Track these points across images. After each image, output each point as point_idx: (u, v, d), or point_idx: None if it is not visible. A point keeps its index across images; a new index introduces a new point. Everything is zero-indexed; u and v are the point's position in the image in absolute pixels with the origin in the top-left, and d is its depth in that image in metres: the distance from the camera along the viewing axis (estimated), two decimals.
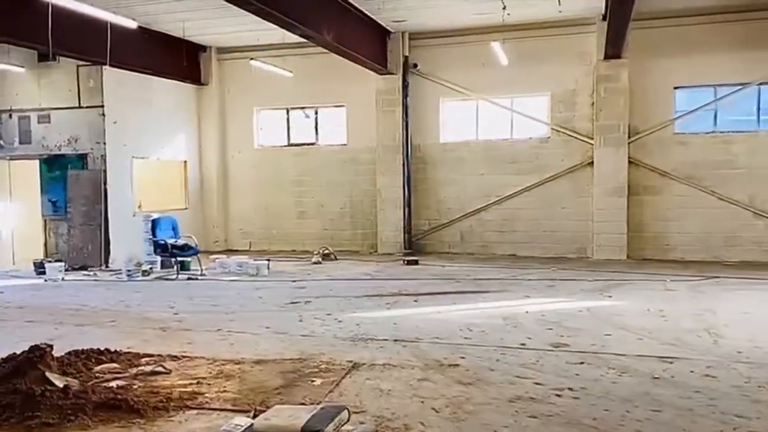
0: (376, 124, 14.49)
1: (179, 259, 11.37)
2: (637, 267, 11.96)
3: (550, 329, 7.12)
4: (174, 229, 11.81)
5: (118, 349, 6.23)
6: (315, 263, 13.09)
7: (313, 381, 5.34)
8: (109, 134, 12.75)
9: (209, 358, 6.05)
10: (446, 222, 14.40)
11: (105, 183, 12.59)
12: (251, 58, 13.63)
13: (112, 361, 5.92)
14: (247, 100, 15.68)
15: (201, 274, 11.47)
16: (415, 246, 14.42)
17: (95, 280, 11.36)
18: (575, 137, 13.48)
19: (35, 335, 7.03)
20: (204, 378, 5.42)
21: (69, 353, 6.08)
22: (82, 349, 6.14)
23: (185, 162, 15.27)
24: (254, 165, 15.74)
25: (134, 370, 5.61)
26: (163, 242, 11.32)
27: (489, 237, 14.17)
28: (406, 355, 6.15)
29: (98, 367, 5.71)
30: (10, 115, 13.31)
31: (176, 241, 11.41)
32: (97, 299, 9.42)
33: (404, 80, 14.20)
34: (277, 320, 7.73)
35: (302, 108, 15.53)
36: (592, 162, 13.29)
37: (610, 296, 9.10)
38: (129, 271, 11.28)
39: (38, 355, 4.93)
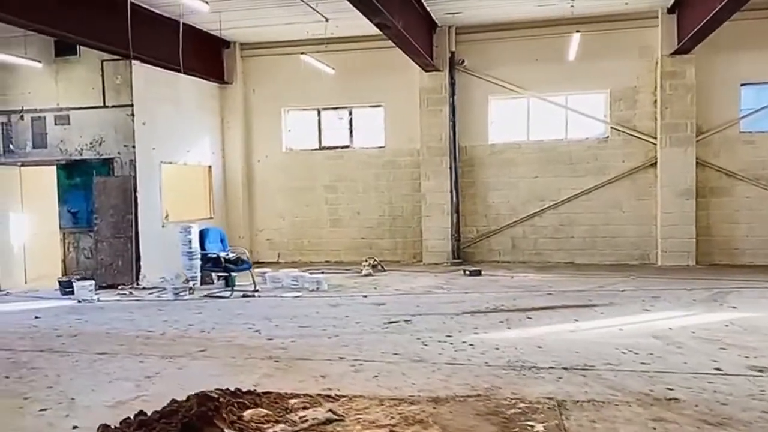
0: (419, 124, 13.53)
1: (232, 274, 10.15)
2: (716, 273, 11.31)
3: (724, 349, 6.26)
4: (222, 240, 10.61)
5: (251, 389, 5.10)
6: (366, 275, 12.02)
7: (531, 426, 4.34)
8: (137, 136, 11.45)
9: (370, 396, 4.98)
10: (496, 229, 13.51)
11: (135, 191, 11.28)
12: (302, 53, 12.49)
13: (256, 404, 4.78)
14: (274, 100, 14.52)
15: (254, 290, 10.28)
16: (461, 255, 13.48)
17: (137, 299, 10.06)
18: (636, 136, 12.77)
19: (126, 373, 5.87)
20: (393, 426, 4.36)
21: (197, 395, 4.93)
22: (213, 391, 4.99)
23: (210, 167, 14.01)
24: (282, 170, 14.57)
25: (295, 417, 4.51)
26: (214, 256, 10.11)
27: (543, 244, 13.33)
28: (599, 387, 5.19)
29: (247, 413, 4.58)
30: (22, 116, 11.87)
31: (227, 255, 10.21)
32: (158, 323, 8.19)
33: (451, 77, 13.29)
34: (396, 345, 6.68)
35: (335, 108, 14.45)
36: (655, 163, 12.60)
37: (735, 307, 8.32)
38: (176, 288, 10.02)
39: (213, 407, 3.81)
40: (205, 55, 13.46)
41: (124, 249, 11.17)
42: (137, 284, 11.18)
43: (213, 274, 10.79)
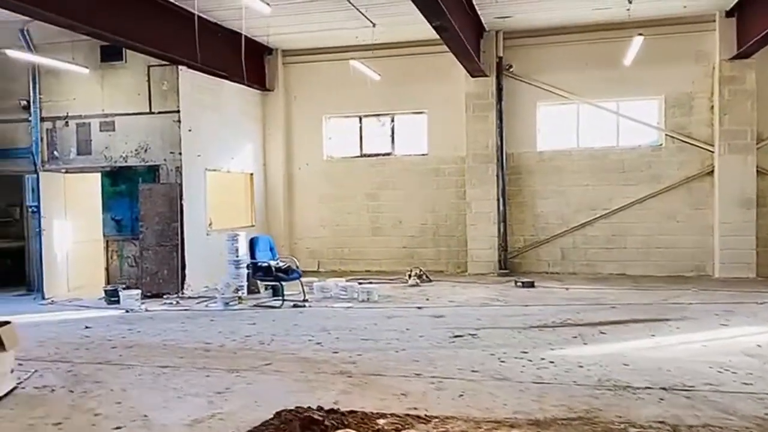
0: (465, 130, 13.20)
1: (282, 283, 9.88)
2: None
3: None
4: (272, 249, 10.35)
5: (333, 407, 4.80)
6: (413, 285, 11.68)
7: None
8: (184, 143, 11.26)
9: (463, 418, 4.64)
10: (545, 238, 13.11)
11: (181, 198, 11.07)
12: (352, 58, 12.23)
13: (344, 425, 4.48)
14: (315, 108, 14.30)
15: (304, 300, 9.99)
16: (508, 265, 13.10)
17: (185, 309, 9.81)
18: (692, 144, 12.33)
19: (195, 388, 5.60)
20: None
21: (279, 414, 4.65)
22: (297, 410, 4.70)
23: (251, 174, 13.80)
24: (323, 178, 14.32)
25: None
26: (265, 265, 9.84)
27: (595, 255, 12.90)
28: (708, 410, 4.81)
29: None
30: (66, 123, 11.75)
31: (278, 263, 9.94)
32: (214, 334, 7.92)
33: (498, 83, 12.97)
34: (471, 361, 6.33)
35: (377, 115, 14.19)
36: (712, 171, 12.16)
37: None
38: (226, 298, 9.77)
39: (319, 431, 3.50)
40: (248, 61, 13.23)
41: (169, 257, 10.95)
42: (182, 293, 10.95)
43: (259, 283, 10.52)
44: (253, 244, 10.09)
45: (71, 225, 11.79)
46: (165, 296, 10.78)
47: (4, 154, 12.06)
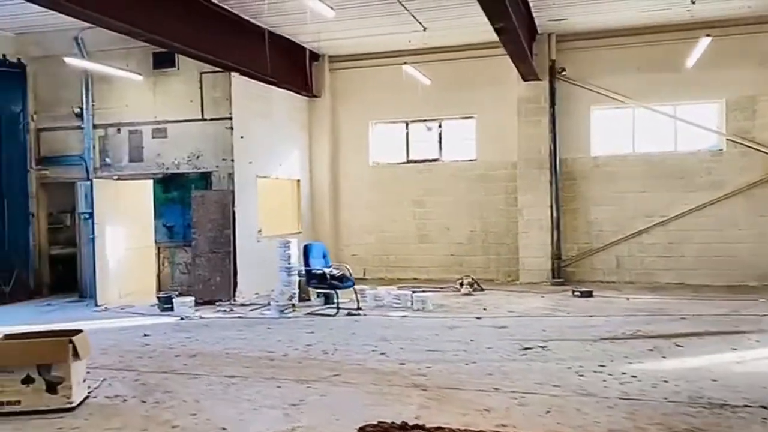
0: (516, 136, 12.94)
1: (338, 291, 9.74)
2: None
3: None
4: (324, 256, 10.22)
5: (419, 423, 4.60)
6: (466, 294, 11.43)
7: None
8: (236, 150, 11.21)
9: None
10: (599, 246, 12.75)
11: (233, 205, 11.01)
12: (404, 62, 12.09)
13: None
14: (361, 113, 14.18)
15: (357, 308, 9.83)
16: (561, 274, 12.76)
17: (239, 317, 9.72)
18: (755, 149, 11.89)
19: (268, 399, 5.47)
20: None
21: (363, 429, 4.47)
22: (380, 425, 4.51)
23: (298, 181, 13.72)
24: (369, 184, 14.18)
25: None
26: (320, 272, 9.71)
27: (651, 263, 12.50)
28: None
29: None
30: (119, 130, 11.81)
31: (332, 271, 9.80)
32: (274, 343, 7.79)
33: (551, 86, 12.68)
34: (548, 375, 6.07)
35: (423, 121, 14.01)
36: None
37: None
38: (280, 305, 9.65)
39: None
40: (295, 68, 13.23)
41: (221, 264, 10.89)
42: (234, 300, 10.88)
43: (310, 290, 10.38)
44: (307, 251, 9.96)
45: (122, 232, 11.82)
46: (217, 303, 10.72)
47: (57, 161, 12.19)
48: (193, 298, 10.31)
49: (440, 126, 13.94)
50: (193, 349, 7.53)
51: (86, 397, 5.54)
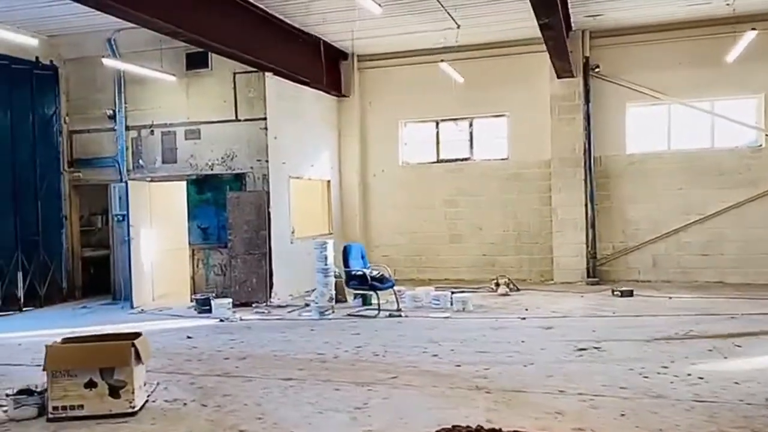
0: (550, 134, 12.79)
1: (378, 292, 9.63)
2: None
3: None
4: (363, 257, 10.11)
5: (494, 427, 4.48)
6: (503, 295, 11.29)
7: None
8: (270, 151, 11.14)
9: None
10: (635, 245, 12.58)
11: (268, 206, 10.94)
12: (442, 60, 11.95)
13: None
14: (390, 113, 14.06)
15: (397, 309, 9.72)
16: (597, 273, 12.60)
17: (279, 319, 9.64)
18: None
19: (330, 402, 5.41)
20: None
21: None
22: (455, 428, 4.40)
23: (329, 182, 13.63)
24: (399, 184, 14.06)
25: None
26: (360, 273, 9.61)
27: (689, 261, 12.30)
28: None
29: None
30: (152, 131, 11.77)
31: (372, 272, 9.70)
32: (320, 344, 7.70)
33: (585, 84, 12.52)
34: (611, 376, 5.94)
35: (455, 120, 13.88)
36: None
37: None
38: (321, 307, 9.56)
39: None
40: (327, 67, 13.12)
41: (257, 266, 10.82)
42: (269, 302, 10.80)
43: (347, 291, 10.27)
44: (346, 252, 9.87)
45: (156, 233, 11.77)
46: (254, 305, 10.65)
47: (89, 163, 12.16)
48: (231, 300, 10.25)
49: (471, 125, 13.80)
50: (243, 352, 7.44)
51: (145, 402, 5.46)
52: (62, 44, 12.02)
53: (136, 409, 5.24)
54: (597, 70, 12.56)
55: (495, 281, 11.92)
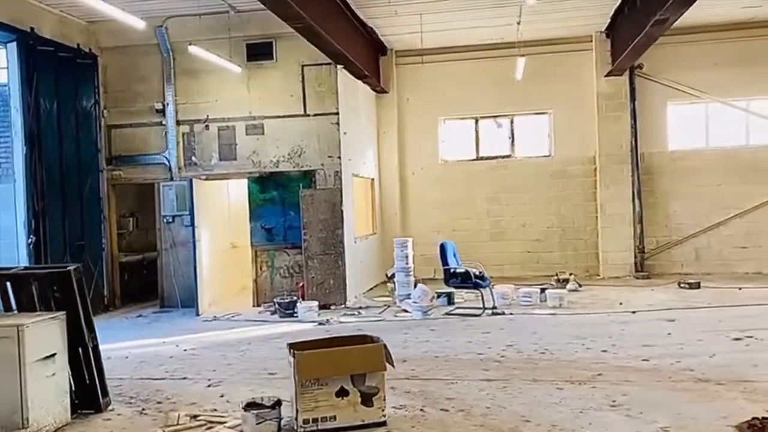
0: (596, 131, 13.01)
1: (482, 290, 9.43)
2: None
3: None
4: (455, 255, 9.87)
5: None
6: (574, 290, 11.31)
7: None
8: (342, 147, 10.71)
9: None
10: (677, 239, 13.00)
11: (342, 204, 10.50)
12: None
13: None
14: (429, 109, 13.87)
15: (493, 307, 9.54)
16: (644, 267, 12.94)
17: (378, 320, 9.27)
18: None
19: (573, 401, 5.19)
20: None
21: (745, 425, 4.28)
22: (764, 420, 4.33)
23: (372, 180, 13.27)
24: (438, 182, 13.88)
25: None
26: (463, 271, 9.37)
27: (729, 254, 12.84)
28: None
29: None
30: (207, 126, 11.04)
31: (472, 270, 9.49)
32: (464, 344, 7.45)
33: (630, 82, 12.84)
34: None
35: (494, 117, 13.86)
36: None
37: None
38: (423, 307, 9.26)
39: None
40: (371, 61, 12.79)
41: (334, 266, 10.36)
42: (346, 304, 10.38)
43: (455, 288, 9.99)
44: (443, 250, 9.61)
45: (211, 235, 11.05)
46: (332, 307, 10.19)
47: (132, 161, 11.27)
48: (317, 303, 9.75)
49: (512, 122, 13.83)
50: (397, 354, 7.03)
51: None
52: (101, 31, 11.07)
53: (386, 417, 4.84)
54: (641, 69, 12.89)
55: (556, 277, 11.98)
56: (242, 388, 5.97)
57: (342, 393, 4.75)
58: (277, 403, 4.86)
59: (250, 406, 4.87)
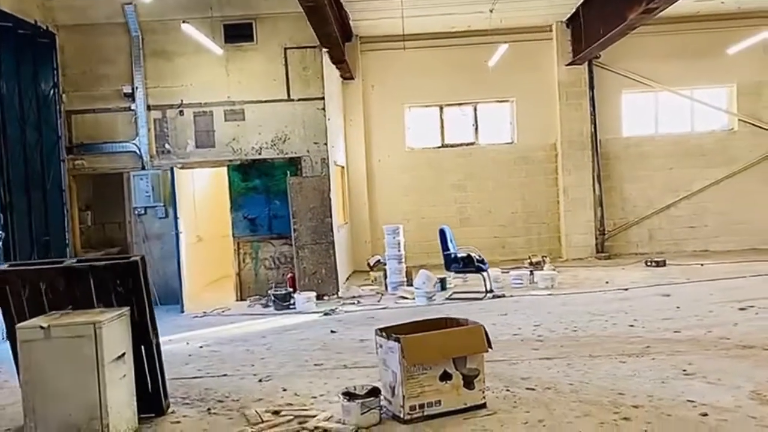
0: (558, 118, 13.46)
1: (483, 273, 9.50)
2: None
3: None
4: (451, 240, 9.88)
5: None
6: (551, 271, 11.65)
7: None
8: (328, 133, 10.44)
9: None
10: (634, 220, 13.72)
11: (330, 192, 10.24)
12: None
13: None
14: (394, 97, 13.82)
15: (490, 290, 9.66)
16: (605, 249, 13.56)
17: (382, 308, 9.14)
18: (763, 128, 13.52)
19: (666, 372, 5.29)
20: None
21: None
22: None
23: (343, 167, 13.04)
24: (405, 170, 13.88)
25: None
26: (465, 255, 9.41)
27: (678, 234, 13.72)
28: None
29: None
30: (181, 111, 10.41)
31: (476, 255, 9.54)
32: (490, 328, 7.46)
33: (590, 71, 13.38)
34: None
35: (459, 104, 14.01)
36: None
37: None
38: (428, 293, 9.21)
39: None
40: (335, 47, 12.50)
41: (326, 256, 10.10)
42: (338, 294, 10.15)
43: (456, 273, 9.99)
44: (443, 235, 9.62)
45: (188, 226, 10.45)
46: (325, 297, 9.93)
47: (96, 149, 10.43)
48: (314, 293, 9.46)
49: (475, 110, 14.02)
50: None
51: None
52: (59, 7, 10.15)
53: (485, 399, 4.78)
54: (598, 59, 13.45)
55: (529, 260, 12.30)
56: (299, 381, 5.70)
57: (445, 377, 4.62)
58: (376, 392, 4.67)
59: (347, 396, 4.65)
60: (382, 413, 4.64)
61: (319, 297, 9.89)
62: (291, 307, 9.30)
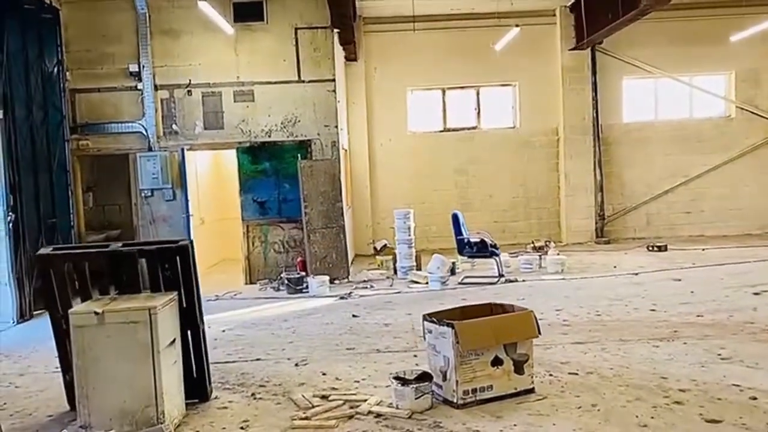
0: (558, 103, 13.53)
1: (497, 258, 9.55)
2: None
3: None
4: (463, 225, 9.89)
5: None
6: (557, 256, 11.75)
7: None
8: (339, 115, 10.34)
9: None
10: (632, 206, 13.89)
11: (340, 176, 10.17)
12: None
13: None
14: (396, 80, 13.73)
15: (500, 275, 9.72)
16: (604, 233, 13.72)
17: (396, 292, 9.11)
18: (760, 115, 13.73)
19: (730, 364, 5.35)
20: None
21: None
22: None
23: (346, 151, 12.94)
24: (407, 154, 13.84)
25: None
26: (479, 240, 9.43)
27: (675, 218, 13.93)
28: None
29: None
30: (189, 91, 10.21)
31: (489, 240, 9.58)
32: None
33: (593, 57, 13.42)
34: None
35: (462, 88, 13.97)
36: None
37: None
38: (442, 277, 9.23)
39: None
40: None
41: (336, 240, 10.05)
42: (348, 278, 10.13)
43: (469, 258, 10.03)
44: (456, 220, 9.61)
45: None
46: (336, 281, 9.89)
47: (100, 129, 10.20)
48: (327, 277, 9.42)
49: (478, 94, 13.99)
50: None
51: None
52: None
53: (534, 384, 4.82)
54: (601, 44, 13.49)
55: (532, 245, 12.38)
56: (337, 366, 5.69)
57: (497, 362, 4.65)
58: (427, 376, 4.67)
59: (399, 380, 4.65)
60: (433, 398, 4.66)
61: (330, 281, 9.86)
62: (304, 291, 9.25)
